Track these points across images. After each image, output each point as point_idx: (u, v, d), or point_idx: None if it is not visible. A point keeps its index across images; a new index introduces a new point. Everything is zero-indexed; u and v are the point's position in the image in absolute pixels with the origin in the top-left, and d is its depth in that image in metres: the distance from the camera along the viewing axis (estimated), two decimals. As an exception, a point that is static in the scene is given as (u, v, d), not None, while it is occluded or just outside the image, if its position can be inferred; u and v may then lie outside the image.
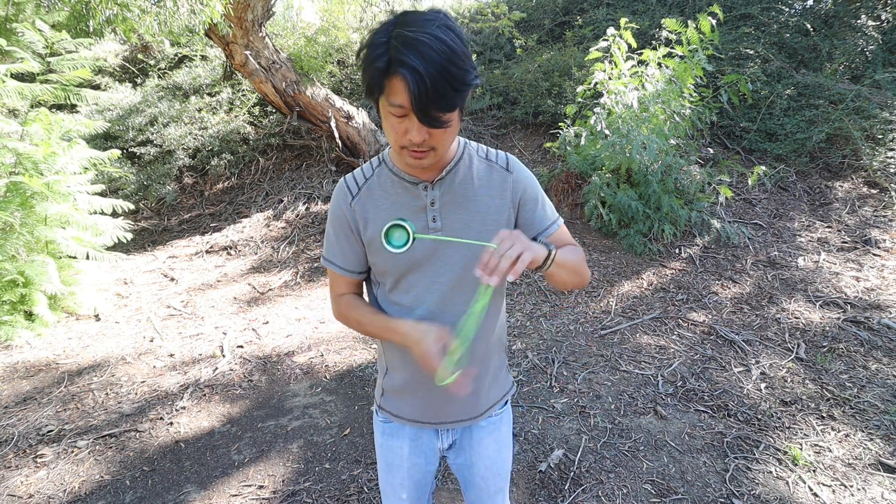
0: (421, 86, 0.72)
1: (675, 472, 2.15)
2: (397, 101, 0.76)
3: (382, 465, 1.17)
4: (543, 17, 7.32)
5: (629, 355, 3.01)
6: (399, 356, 1.05)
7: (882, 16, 5.87)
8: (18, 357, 3.27)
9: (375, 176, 0.99)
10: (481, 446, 1.15)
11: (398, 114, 0.79)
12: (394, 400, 1.11)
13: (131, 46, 7.84)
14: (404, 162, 0.91)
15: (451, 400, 1.04)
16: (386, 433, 1.14)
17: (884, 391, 2.60)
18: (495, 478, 1.18)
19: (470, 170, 0.99)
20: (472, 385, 1.03)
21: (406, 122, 0.80)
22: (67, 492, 2.14)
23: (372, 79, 0.77)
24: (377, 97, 0.81)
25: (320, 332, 3.52)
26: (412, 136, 0.81)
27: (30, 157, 3.54)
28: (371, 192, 0.98)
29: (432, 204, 0.96)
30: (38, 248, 3.70)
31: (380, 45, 0.75)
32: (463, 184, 0.98)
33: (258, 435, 2.48)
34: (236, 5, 4.47)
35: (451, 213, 0.97)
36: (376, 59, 0.75)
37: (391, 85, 0.76)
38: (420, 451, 1.13)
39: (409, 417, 1.10)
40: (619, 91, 4.29)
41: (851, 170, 4.97)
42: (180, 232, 5.67)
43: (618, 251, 4.30)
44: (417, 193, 0.96)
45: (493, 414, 1.14)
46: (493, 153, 1.03)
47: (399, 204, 0.96)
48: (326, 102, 5.47)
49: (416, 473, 1.14)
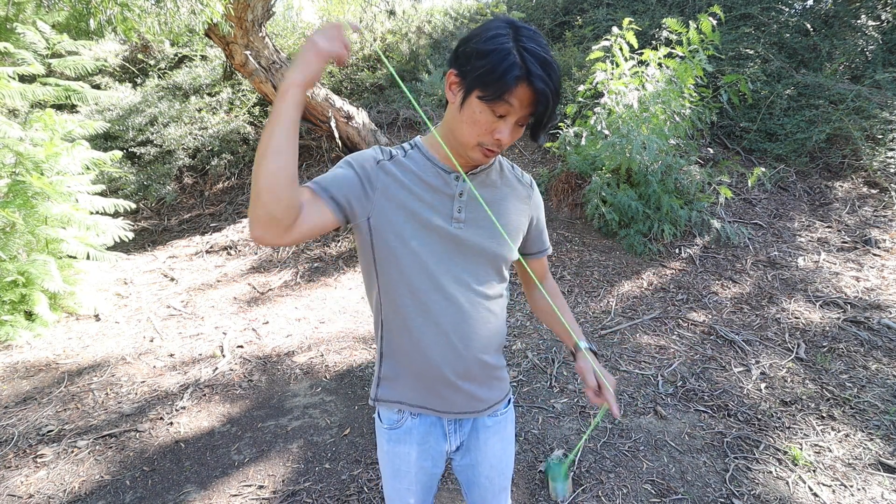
0: (548, 104, 0.84)
1: (675, 472, 2.15)
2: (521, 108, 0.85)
3: (389, 471, 1.14)
4: (543, 17, 7.32)
5: (629, 355, 3.01)
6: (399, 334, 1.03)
7: (882, 16, 5.86)
8: (18, 357, 3.27)
9: (409, 157, 1.00)
10: (487, 446, 1.15)
11: (502, 113, 0.86)
12: (392, 388, 1.08)
13: (131, 46, 7.85)
14: (468, 156, 0.94)
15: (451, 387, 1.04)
16: (393, 440, 1.11)
17: (884, 391, 2.60)
18: (500, 476, 1.18)
19: (501, 175, 1.06)
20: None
21: (500, 124, 0.87)
22: (67, 492, 2.14)
23: (500, 81, 0.82)
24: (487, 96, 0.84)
25: (320, 332, 3.52)
26: (503, 136, 0.88)
27: (31, 157, 3.55)
28: (402, 167, 0.99)
29: (460, 195, 0.99)
30: (39, 248, 3.70)
31: (509, 53, 0.82)
32: (492, 185, 1.04)
33: (258, 435, 2.48)
34: (236, 5, 4.47)
35: (477, 208, 1.00)
36: (511, 66, 0.81)
37: (517, 92, 0.83)
38: (428, 454, 1.12)
39: (412, 403, 1.07)
40: (619, 91, 4.29)
41: (851, 170, 4.97)
42: (180, 232, 5.68)
43: (618, 251, 4.30)
44: (448, 182, 0.99)
45: (497, 413, 1.15)
46: (519, 170, 1.12)
47: (427, 185, 0.98)
48: (326, 102, 5.47)
49: (423, 477, 1.13)
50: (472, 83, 0.86)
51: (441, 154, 0.99)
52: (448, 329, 1.00)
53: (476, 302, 1.02)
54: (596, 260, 4.18)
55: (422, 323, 1.00)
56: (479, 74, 0.84)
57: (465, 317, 1.01)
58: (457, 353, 1.02)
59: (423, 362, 1.02)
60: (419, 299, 0.99)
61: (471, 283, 1.01)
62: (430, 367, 1.02)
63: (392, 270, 0.99)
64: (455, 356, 1.02)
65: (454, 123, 0.92)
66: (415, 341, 1.01)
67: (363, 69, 7.15)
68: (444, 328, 1.00)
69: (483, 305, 1.03)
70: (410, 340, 1.02)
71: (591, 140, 4.53)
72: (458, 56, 0.88)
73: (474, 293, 1.02)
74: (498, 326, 1.08)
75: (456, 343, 1.01)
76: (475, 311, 1.02)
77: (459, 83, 0.88)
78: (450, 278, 0.99)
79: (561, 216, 4.79)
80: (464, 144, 0.93)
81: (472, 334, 1.02)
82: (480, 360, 1.05)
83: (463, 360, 1.03)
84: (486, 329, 1.04)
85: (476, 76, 0.84)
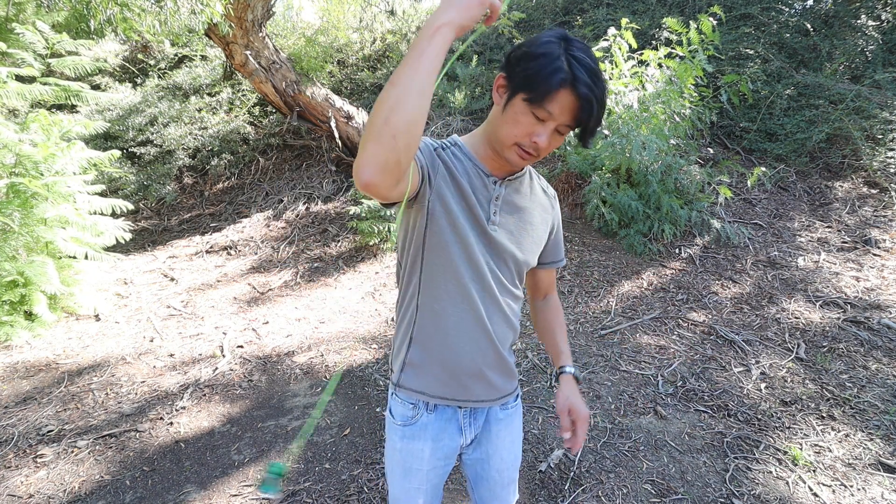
0: (591, 111, 0.86)
1: (675, 472, 2.15)
2: (562, 114, 0.87)
3: (398, 470, 1.13)
4: (543, 17, 7.32)
5: (629, 355, 3.01)
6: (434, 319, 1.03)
7: (882, 16, 5.86)
8: (18, 357, 3.27)
9: (455, 156, 1.01)
10: (499, 439, 1.17)
11: (543, 118, 0.88)
12: (416, 375, 1.07)
13: (131, 46, 7.85)
14: (505, 157, 0.95)
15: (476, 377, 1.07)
16: (407, 437, 1.10)
17: (884, 391, 2.60)
18: (509, 469, 1.20)
19: (532, 185, 1.11)
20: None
21: (540, 127, 0.89)
22: (67, 492, 2.14)
23: (548, 85, 0.84)
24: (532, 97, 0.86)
25: (320, 332, 3.52)
26: (541, 140, 0.90)
27: (30, 157, 3.55)
28: (453, 155, 1.01)
29: (496, 199, 1.02)
30: (38, 249, 3.70)
31: (558, 58, 0.84)
32: (524, 193, 1.08)
33: (258, 435, 2.48)
34: (236, 5, 4.47)
35: (510, 214, 1.04)
36: (557, 69, 0.83)
37: (560, 97, 0.85)
38: (441, 451, 1.12)
39: (433, 394, 1.07)
40: (619, 91, 4.29)
41: (851, 170, 4.96)
42: (180, 232, 5.68)
43: (618, 251, 4.31)
44: (488, 185, 1.02)
45: (508, 405, 1.17)
46: (545, 182, 1.17)
47: (473, 186, 1.00)
48: (326, 102, 5.47)
49: (434, 476, 1.14)
50: (518, 85, 0.88)
51: (481, 155, 1.02)
52: (483, 320, 1.04)
53: (504, 300, 1.07)
54: (596, 260, 4.18)
55: (460, 311, 1.02)
56: (527, 76, 0.86)
57: (497, 309, 1.06)
58: (487, 343, 1.06)
59: (452, 350, 1.05)
60: (462, 287, 1.01)
61: (501, 281, 1.06)
62: (460, 356, 1.05)
63: (441, 255, 0.99)
64: (485, 346, 1.06)
65: (496, 124, 0.95)
66: (448, 328, 1.03)
67: (363, 69, 7.15)
68: (480, 319, 1.03)
69: (509, 304, 1.09)
70: (444, 327, 1.03)
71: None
72: (509, 61, 0.91)
73: (505, 291, 1.07)
74: (517, 325, 1.14)
75: (489, 333, 1.05)
76: (506, 306, 1.07)
77: (506, 86, 0.91)
78: (488, 272, 1.02)
79: (561, 216, 4.79)
80: (502, 143, 0.94)
81: (499, 328, 1.07)
82: (503, 352, 1.10)
83: (491, 350, 1.07)
84: (508, 326, 1.10)
85: (523, 78, 0.87)
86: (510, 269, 1.06)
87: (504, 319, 1.08)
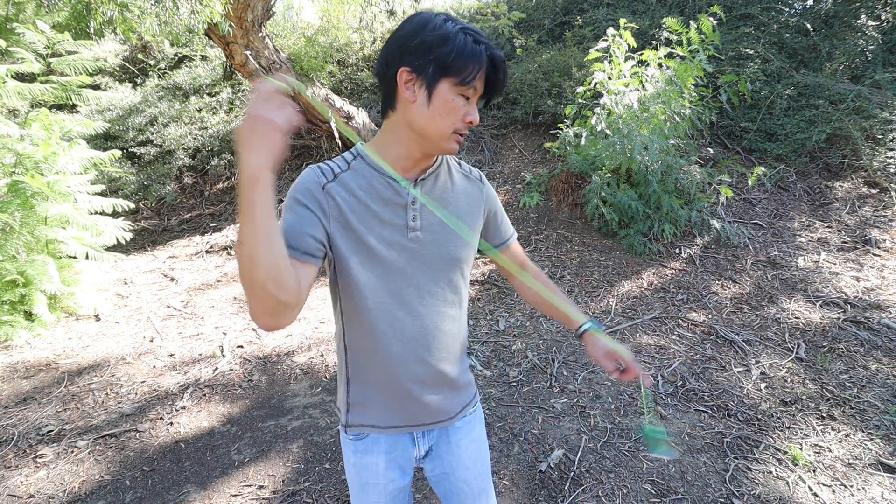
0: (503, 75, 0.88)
1: (675, 472, 2.15)
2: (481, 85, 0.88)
3: (356, 485, 1.11)
4: (543, 17, 7.32)
5: (629, 355, 3.01)
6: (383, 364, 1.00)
7: (882, 16, 5.86)
8: (18, 357, 3.27)
9: (351, 170, 0.96)
10: (460, 449, 1.13)
11: (469, 95, 0.88)
12: (363, 412, 1.06)
13: (131, 46, 7.85)
14: (450, 147, 0.93)
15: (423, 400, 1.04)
16: (359, 451, 1.08)
17: (884, 391, 2.60)
18: (477, 478, 1.16)
19: (450, 176, 1.04)
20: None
21: (470, 106, 0.90)
22: (67, 492, 2.14)
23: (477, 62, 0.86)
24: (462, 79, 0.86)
25: (320, 332, 3.52)
26: (473, 116, 0.90)
27: (30, 157, 3.55)
28: (347, 186, 0.94)
29: (413, 203, 0.96)
30: (39, 248, 3.70)
31: (463, 34, 0.84)
32: (444, 187, 1.02)
33: (258, 435, 2.48)
34: (236, 5, 4.47)
35: (432, 213, 0.98)
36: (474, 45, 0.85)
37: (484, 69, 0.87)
38: (395, 464, 1.09)
39: (384, 425, 1.06)
40: (619, 91, 4.29)
41: (851, 170, 4.96)
42: (180, 232, 5.68)
43: (618, 251, 4.31)
44: (399, 191, 0.96)
45: (467, 413, 1.14)
46: (466, 166, 1.10)
47: (380, 200, 0.95)
48: (326, 102, 5.47)
49: (392, 489, 1.10)
50: (436, 73, 0.85)
51: (390, 160, 0.95)
52: (413, 344, 0.99)
53: (439, 312, 1.01)
54: (596, 260, 4.18)
55: (386, 342, 0.98)
56: (445, 62, 0.84)
57: (429, 329, 1.00)
58: (424, 367, 1.01)
59: (390, 380, 1.01)
60: (382, 318, 0.97)
61: (433, 292, 1.00)
62: (399, 384, 1.01)
63: (353, 293, 0.96)
64: (423, 370, 1.01)
65: (423, 121, 0.89)
66: (380, 360, 0.99)
67: (363, 69, 7.15)
68: (410, 343, 0.99)
69: (447, 314, 1.03)
70: (376, 360, 1.00)
71: (592, 140, 4.53)
72: (406, 52, 0.86)
73: (438, 302, 1.01)
74: (461, 331, 1.08)
75: (422, 356, 1.01)
76: (440, 321, 1.02)
77: (418, 78, 0.87)
78: (411, 292, 0.98)
79: (561, 216, 4.79)
80: (439, 136, 0.90)
81: (438, 345, 1.02)
82: (447, 369, 1.05)
83: (431, 372, 1.02)
84: (450, 338, 1.05)
85: (440, 65, 0.85)
86: (444, 272, 1.01)
87: (444, 334, 1.02)
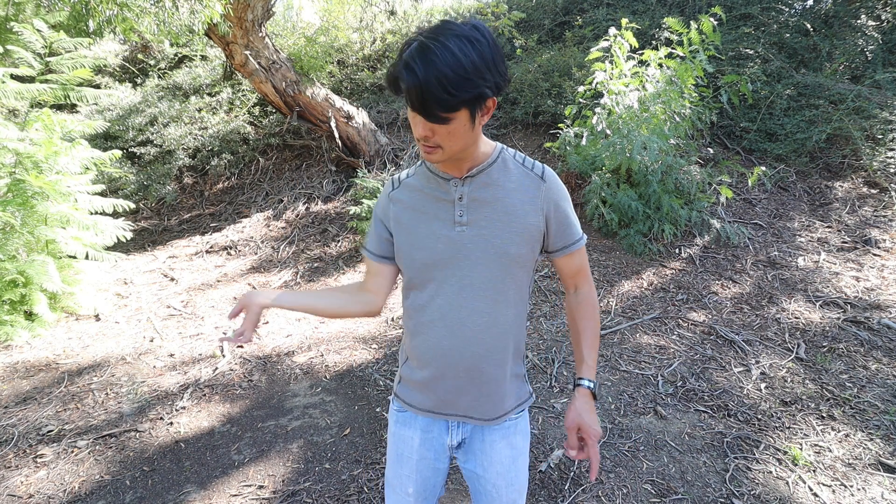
0: (418, 87, 0.83)
1: (675, 472, 2.15)
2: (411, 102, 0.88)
3: (392, 455, 1.18)
4: (543, 17, 7.32)
5: (629, 355, 3.01)
6: (420, 348, 1.09)
7: (882, 16, 5.86)
8: (18, 357, 3.27)
9: (415, 174, 1.09)
10: (494, 450, 1.12)
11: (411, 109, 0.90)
12: (410, 390, 1.15)
13: (131, 46, 7.85)
14: (424, 155, 0.99)
15: (464, 392, 1.08)
16: (399, 422, 1.17)
17: (884, 391, 2.60)
18: (508, 487, 1.13)
19: (504, 172, 1.04)
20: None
21: (417, 118, 0.91)
22: (67, 492, 2.14)
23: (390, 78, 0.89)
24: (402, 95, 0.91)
25: (320, 332, 3.52)
26: (418, 131, 0.92)
27: (31, 156, 3.55)
28: (408, 187, 1.08)
29: (460, 199, 1.02)
30: (39, 248, 3.70)
31: (401, 50, 0.87)
32: (494, 184, 1.03)
33: (258, 435, 2.48)
34: (236, 5, 4.47)
35: (479, 209, 1.02)
36: (395, 62, 0.87)
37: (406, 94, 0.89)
38: (430, 444, 1.14)
39: (421, 408, 1.13)
40: (619, 91, 4.29)
41: (851, 170, 4.96)
42: (180, 232, 5.68)
43: (618, 251, 4.31)
44: (448, 188, 1.03)
45: (508, 419, 1.13)
46: (530, 162, 1.08)
47: (430, 196, 1.05)
48: (326, 102, 5.47)
49: (424, 468, 1.14)
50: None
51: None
52: (447, 332, 1.05)
53: (477, 308, 1.03)
54: (596, 260, 4.18)
55: (426, 329, 1.07)
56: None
57: (464, 322, 1.04)
58: (456, 357, 1.05)
59: (426, 364, 1.09)
60: (431, 310, 1.05)
61: (476, 286, 1.03)
62: (433, 369, 1.08)
63: (410, 283, 1.09)
64: (454, 360, 1.05)
65: None
66: (419, 344, 1.09)
67: (363, 69, 7.15)
68: (445, 332, 1.05)
69: (485, 311, 1.03)
70: (416, 343, 1.09)
71: (592, 140, 4.53)
72: None
73: (479, 297, 1.03)
74: (507, 333, 1.06)
75: (456, 347, 1.05)
76: (477, 316, 1.03)
77: None
78: (452, 283, 1.03)
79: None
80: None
81: (474, 340, 1.04)
82: (482, 366, 1.05)
83: (463, 364, 1.05)
84: (490, 337, 1.04)
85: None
86: (492, 269, 1.02)
87: (480, 329, 1.03)
